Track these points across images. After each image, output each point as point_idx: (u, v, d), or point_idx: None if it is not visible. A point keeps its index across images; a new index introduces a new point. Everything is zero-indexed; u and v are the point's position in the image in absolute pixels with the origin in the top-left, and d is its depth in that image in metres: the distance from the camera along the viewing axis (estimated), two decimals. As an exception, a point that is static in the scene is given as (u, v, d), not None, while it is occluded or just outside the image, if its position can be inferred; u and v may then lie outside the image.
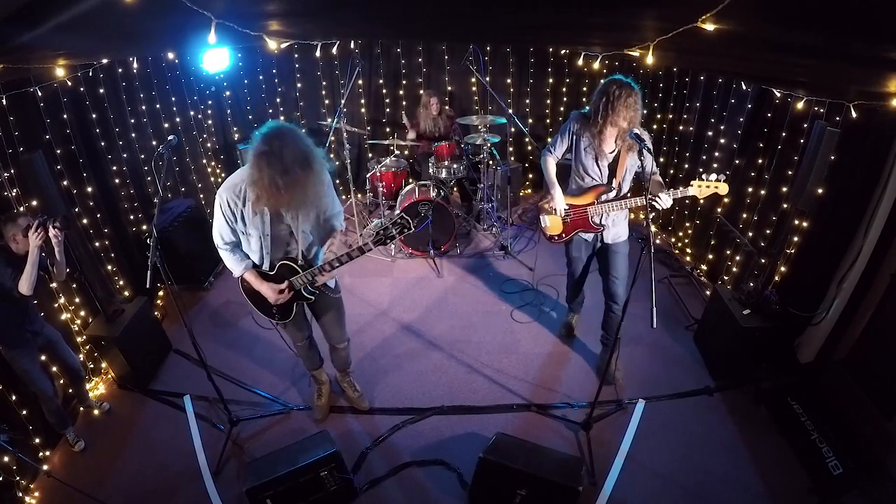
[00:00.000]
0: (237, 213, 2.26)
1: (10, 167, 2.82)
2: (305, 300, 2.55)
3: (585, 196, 2.94)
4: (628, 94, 2.56)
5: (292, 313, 2.61)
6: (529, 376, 3.44)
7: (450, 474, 2.79)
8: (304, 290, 2.48)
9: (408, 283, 4.48)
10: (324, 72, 5.58)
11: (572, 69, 5.52)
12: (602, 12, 2.49)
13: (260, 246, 2.36)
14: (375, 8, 2.92)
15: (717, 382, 3.34)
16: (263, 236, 2.31)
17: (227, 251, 2.41)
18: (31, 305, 2.72)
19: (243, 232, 2.32)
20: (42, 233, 2.47)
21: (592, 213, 2.93)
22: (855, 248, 2.91)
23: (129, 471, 2.88)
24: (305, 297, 2.52)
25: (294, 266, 2.40)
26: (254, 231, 2.30)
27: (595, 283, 3.34)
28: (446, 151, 4.91)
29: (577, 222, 3.00)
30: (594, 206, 2.91)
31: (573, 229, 3.05)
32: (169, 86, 4.55)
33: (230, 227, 2.31)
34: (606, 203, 2.87)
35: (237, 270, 2.44)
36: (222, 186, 2.25)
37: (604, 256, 3.11)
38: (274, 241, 2.35)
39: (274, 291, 2.43)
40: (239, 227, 2.30)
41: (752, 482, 2.72)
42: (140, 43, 3.38)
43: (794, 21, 1.66)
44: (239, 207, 2.24)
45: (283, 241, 2.39)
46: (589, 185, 2.92)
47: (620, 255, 3.03)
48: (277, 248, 2.40)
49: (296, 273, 2.41)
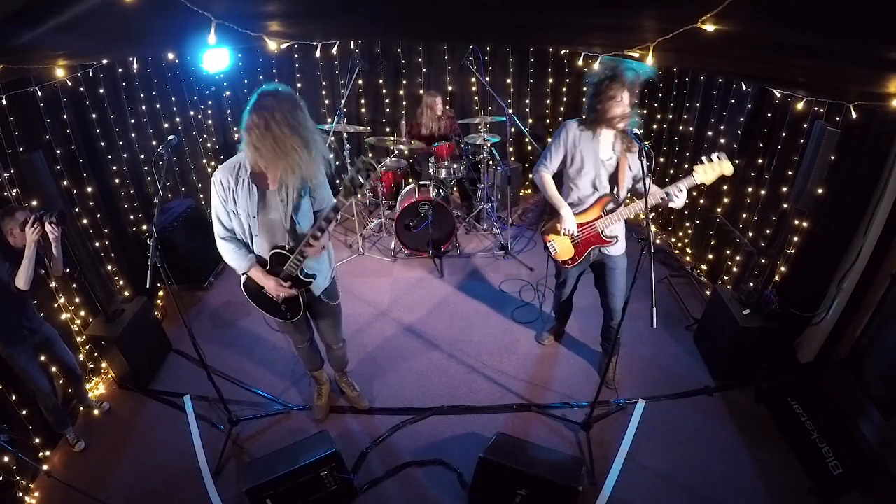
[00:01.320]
0: (228, 193, 2.22)
1: (10, 167, 2.82)
2: (305, 285, 2.46)
3: (590, 211, 2.75)
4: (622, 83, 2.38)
5: (301, 308, 2.55)
6: (529, 376, 3.44)
7: (450, 474, 2.79)
8: (301, 275, 2.41)
9: (408, 283, 4.48)
10: (324, 72, 5.58)
11: (572, 69, 5.52)
12: (602, 13, 2.49)
13: (249, 228, 2.30)
14: (375, 8, 2.92)
15: (717, 382, 3.34)
16: (251, 217, 2.25)
17: (229, 243, 2.34)
18: (28, 302, 2.73)
19: (234, 211, 2.26)
20: (38, 227, 2.48)
21: (602, 226, 2.74)
22: (855, 248, 2.91)
23: (129, 471, 2.88)
24: (304, 281, 2.44)
25: (284, 252, 2.33)
26: (242, 212, 2.25)
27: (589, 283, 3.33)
28: (446, 151, 4.91)
29: (589, 240, 2.79)
30: (602, 218, 2.72)
31: (587, 248, 2.82)
32: (169, 86, 4.55)
33: (225, 208, 2.26)
34: (615, 213, 2.68)
35: (241, 266, 2.37)
36: (219, 168, 2.24)
37: (601, 273, 2.95)
38: (263, 226, 2.29)
39: (275, 283, 2.37)
40: (230, 206, 2.25)
41: (752, 482, 2.72)
42: (140, 43, 3.38)
43: (794, 21, 1.66)
44: (231, 185, 2.20)
45: (274, 229, 2.32)
46: (590, 196, 2.74)
47: (619, 272, 2.88)
48: (268, 233, 2.32)
49: (287, 259, 2.33)
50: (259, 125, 1.96)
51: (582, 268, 3.00)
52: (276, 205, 2.24)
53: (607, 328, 3.18)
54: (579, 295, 3.32)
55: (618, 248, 2.85)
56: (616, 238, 2.79)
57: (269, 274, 2.39)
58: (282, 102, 1.97)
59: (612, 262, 2.88)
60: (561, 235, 2.80)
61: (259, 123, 1.96)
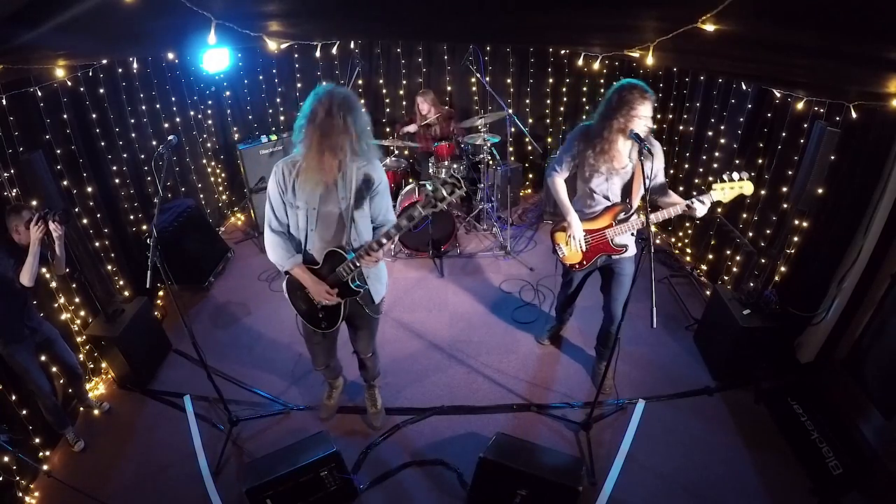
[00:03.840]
0: (289, 184, 2.17)
1: (10, 167, 2.83)
2: (354, 294, 2.34)
3: (601, 218, 2.70)
4: (643, 97, 2.33)
5: (339, 319, 2.44)
6: (529, 376, 3.44)
7: (450, 474, 2.79)
8: (352, 283, 2.29)
9: (408, 283, 4.48)
10: (324, 72, 5.58)
11: (572, 69, 5.51)
12: (602, 13, 2.49)
13: (306, 222, 2.23)
14: (375, 8, 2.92)
15: (717, 382, 3.34)
16: (311, 210, 2.20)
17: (278, 237, 2.27)
18: (29, 301, 2.74)
19: (292, 204, 2.21)
20: (42, 226, 2.51)
21: (612, 235, 2.69)
22: (855, 248, 2.91)
23: (129, 471, 2.88)
24: (353, 290, 2.31)
25: (342, 253, 2.22)
26: (302, 204, 2.19)
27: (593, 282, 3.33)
28: (446, 151, 4.91)
29: (598, 247, 2.75)
30: (612, 228, 2.67)
31: (594, 255, 2.79)
32: (169, 86, 4.55)
33: (282, 200, 2.21)
34: (626, 223, 2.63)
35: (285, 263, 2.27)
36: (281, 160, 2.22)
37: (608, 277, 2.93)
38: (322, 219, 2.23)
39: (321, 287, 2.27)
40: (288, 197, 2.20)
41: (752, 482, 2.72)
42: (140, 43, 3.39)
43: (794, 21, 1.67)
44: (292, 177, 2.16)
45: (331, 224, 2.24)
46: (601, 205, 2.69)
47: (626, 277, 2.82)
48: (325, 229, 2.25)
49: (343, 260, 2.22)
50: (315, 119, 1.99)
51: (589, 270, 2.98)
52: (336, 198, 2.19)
53: (605, 332, 3.15)
54: (581, 296, 3.33)
55: (627, 253, 2.81)
56: (626, 247, 2.76)
57: (318, 274, 2.30)
58: (338, 99, 1.99)
59: (619, 267, 2.85)
60: (567, 241, 2.78)
61: (316, 117, 1.99)
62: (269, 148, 5.20)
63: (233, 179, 5.70)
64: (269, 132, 5.37)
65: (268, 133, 5.33)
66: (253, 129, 5.61)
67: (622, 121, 2.37)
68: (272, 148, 5.21)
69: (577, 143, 2.62)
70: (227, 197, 5.70)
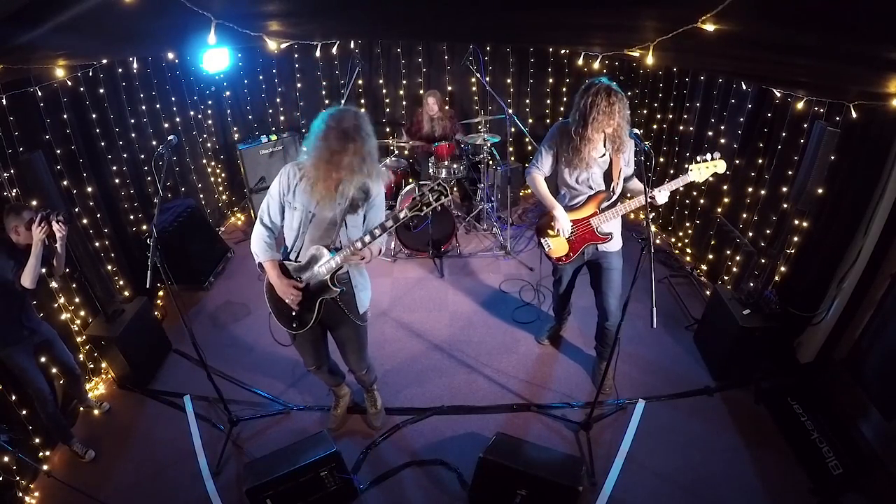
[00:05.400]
0: (292, 185, 2.26)
1: (10, 167, 2.82)
2: (329, 293, 2.35)
3: (585, 207, 2.78)
4: (609, 100, 2.40)
5: (311, 321, 2.43)
6: (529, 376, 3.44)
7: (450, 474, 2.79)
8: (331, 283, 2.31)
9: (408, 283, 4.48)
10: (324, 72, 5.58)
11: (572, 69, 5.52)
12: (602, 13, 2.49)
13: (300, 223, 2.29)
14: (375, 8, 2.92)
15: (717, 382, 3.34)
16: (307, 212, 2.27)
17: (265, 232, 2.33)
18: (28, 301, 2.72)
19: (290, 204, 2.28)
20: (45, 226, 2.47)
21: (597, 223, 2.76)
22: (855, 248, 2.91)
23: (129, 471, 2.88)
24: (331, 288, 2.32)
25: (325, 251, 2.27)
26: (300, 206, 2.27)
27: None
28: (446, 151, 4.91)
29: (584, 237, 2.81)
30: (597, 216, 2.75)
31: (581, 245, 2.84)
32: (169, 86, 4.55)
33: (280, 201, 2.29)
34: (610, 210, 2.72)
35: (263, 256, 2.33)
36: (290, 162, 2.30)
37: (596, 272, 2.96)
38: (315, 223, 2.28)
39: (285, 285, 2.31)
40: (288, 197, 2.28)
41: (752, 482, 2.72)
42: (140, 43, 3.39)
43: (794, 21, 1.67)
44: (296, 180, 2.25)
45: (322, 227, 2.29)
46: (584, 194, 2.77)
47: (615, 272, 2.88)
48: (316, 230, 2.30)
49: (324, 258, 2.27)
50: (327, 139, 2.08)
51: (577, 264, 3.02)
52: (332, 204, 2.25)
53: (602, 330, 3.15)
54: (580, 295, 3.33)
55: (613, 246, 2.86)
56: (611, 235, 2.81)
57: (297, 273, 2.35)
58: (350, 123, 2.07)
59: (607, 261, 2.88)
60: (554, 233, 2.84)
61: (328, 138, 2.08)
62: (268, 148, 5.19)
63: (233, 179, 5.70)
64: (269, 132, 5.37)
65: (268, 133, 5.33)
66: (253, 129, 5.61)
67: (591, 121, 2.46)
68: (272, 148, 5.21)
69: (558, 138, 2.70)
70: (227, 197, 5.70)
